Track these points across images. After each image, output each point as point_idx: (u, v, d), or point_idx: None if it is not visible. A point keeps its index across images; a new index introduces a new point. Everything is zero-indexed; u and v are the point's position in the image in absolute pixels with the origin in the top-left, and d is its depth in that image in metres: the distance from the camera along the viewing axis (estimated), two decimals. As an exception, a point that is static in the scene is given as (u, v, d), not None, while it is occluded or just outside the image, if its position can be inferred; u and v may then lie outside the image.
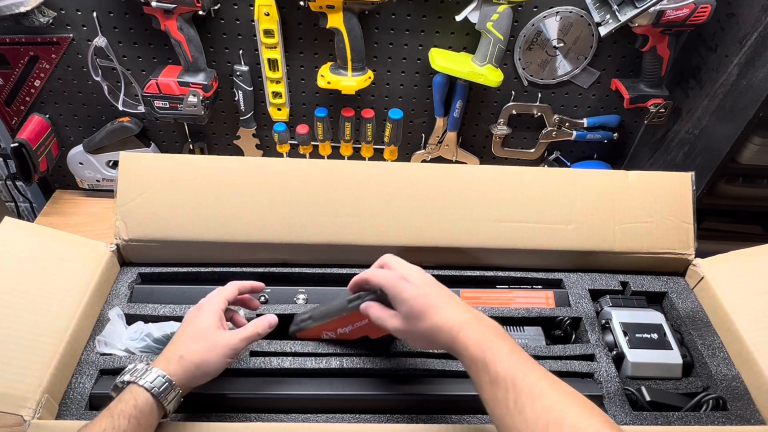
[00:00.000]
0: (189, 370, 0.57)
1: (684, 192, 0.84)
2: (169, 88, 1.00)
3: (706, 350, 0.75)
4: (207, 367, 0.58)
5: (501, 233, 0.82)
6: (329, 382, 0.66)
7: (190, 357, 0.57)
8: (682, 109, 1.07)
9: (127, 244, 0.79)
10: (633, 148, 1.21)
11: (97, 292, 0.74)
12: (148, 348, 0.70)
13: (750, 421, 0.67)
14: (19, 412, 0.59)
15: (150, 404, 0.53)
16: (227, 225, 0.79)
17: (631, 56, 1.06)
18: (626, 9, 0.93)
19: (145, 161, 0.82)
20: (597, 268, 0.84)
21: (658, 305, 0.83)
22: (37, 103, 1.09)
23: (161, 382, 0.54)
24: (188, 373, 0.57)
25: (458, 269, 0.83)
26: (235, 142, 1.18)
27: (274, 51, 1.02)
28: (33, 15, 0.94)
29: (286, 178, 0.81)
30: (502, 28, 0.96)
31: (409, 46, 1.04)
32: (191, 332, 0.60)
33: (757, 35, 0.88)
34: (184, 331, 0.61)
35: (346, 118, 1.11)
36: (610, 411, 0.67)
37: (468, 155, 1.20)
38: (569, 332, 0.78)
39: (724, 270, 0.80)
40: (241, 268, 0.81)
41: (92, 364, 0.68)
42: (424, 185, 0.82)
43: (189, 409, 0.61)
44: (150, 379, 0.54)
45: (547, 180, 0.84)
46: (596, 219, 0.83)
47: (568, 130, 1.15)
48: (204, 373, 0.58)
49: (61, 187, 1.24)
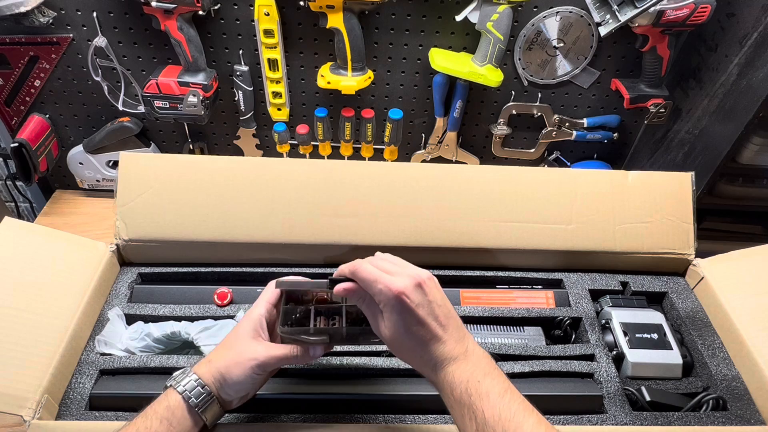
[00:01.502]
0: (216, 378, 0.54)
1: (684, 192, 0.84)
2: (169, 88, 1.00)
3: (706, 350, 0.75)
4: (231, 377, 0.54)
5: (501, 233, 0.82)
6: (329, 382, 0.66)
7: (216, 363, 0.55)
8: (682, 109, 1.07)
9: (127, 244, 0.79)
10: (633, 148, 1.21)
11: (97, 292, 0.74)
12: (148, 348, 0.70)
13: (750, 421, 0.67)
14: (19, 413, 0.59)
15: (181, 406, 0.52)
16: (227, 225, 0.79)
17: (631, 56, 1.06)
18: (626, 9, 0.93)
19: (145, 161, 0.82)
20: (597, 268, 0.84)
21: (658, 305, 0.83)
22: (37, 103, 1.09)
23: (193, 385, 0.53)
24: (215, 380, 0.54)
25: (458, 269, 0.83)
26: (235, 142, 1.18)
27: (274, 51, 1.02)
28: (33, 15, 0.94)
29: (286, 178, 0.81)
30: (502, 28, 0.96)
31: (409, 46, 1.04)
32: (227, 338, 0.58)
33: (757, 35, 0.88)
34: (227, 334, 0.59)
35: (346, 118, 1.11)
36: (610, 411, 0.67)
37: (468, 155, 1.20)
38: (569, 332, 0.78)
39: (724, 270, 0.81)
40: (241, 268, 0.81)
41: (92, 364, 0.68)
42: (424, 185, 0.82)
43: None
44: (184, 382, 0.53)
45: (547, 180, 0.84)
46: (596, 219, 0.83)
47: (568, 130, 1.15)
48: (231, 384, 0.54)
49: (61, 187, 1.24)
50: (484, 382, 0.47)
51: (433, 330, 0.50)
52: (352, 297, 0.55)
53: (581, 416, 0.66)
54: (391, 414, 0.65)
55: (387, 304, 0.50)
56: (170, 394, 0.53)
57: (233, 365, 0.55)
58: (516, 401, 0.46)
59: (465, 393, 0.47)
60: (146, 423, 0.51)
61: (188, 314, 0.74)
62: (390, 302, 0.50)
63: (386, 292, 0.50)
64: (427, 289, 0.51)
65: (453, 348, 0.50)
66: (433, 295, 0.51)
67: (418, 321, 0.50)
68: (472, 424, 0.46)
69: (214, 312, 0.75)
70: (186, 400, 0.52)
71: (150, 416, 0.51)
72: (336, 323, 0.59)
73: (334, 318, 0.60)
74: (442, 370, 0.50)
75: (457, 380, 0.48)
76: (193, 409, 0.53)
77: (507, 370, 0.69)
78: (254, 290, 0.78)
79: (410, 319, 0.50)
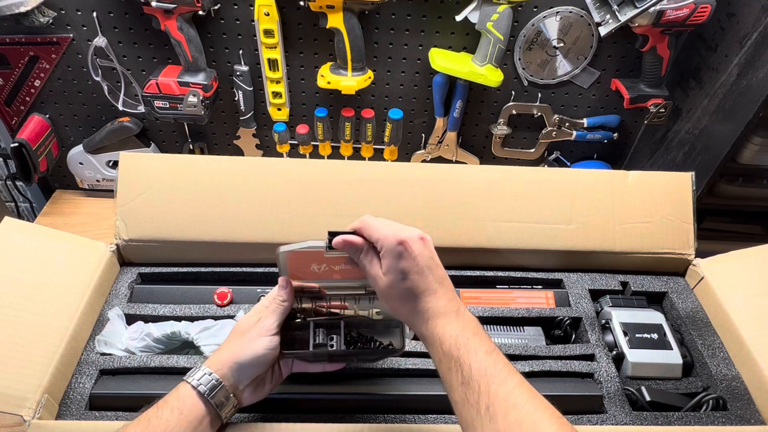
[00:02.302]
0: (225, 364, 0.55)
1: (684, 192, 0.84)
2: (169, 88, 1.00)
3: (706, 350, 0.75)
4: (245, 356, 0.56)
5: (501, 233, 0.82)
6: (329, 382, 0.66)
7: (226, 351, 0.57)
8: (682, 109, 1.07)
9: (127, 244, 0.79)
10: (633, 148, 1.21)
11: (97, 292, 0.74)
12: (148, 348, 0.70)
13: (750, 421, 0.67)
14: (19, 412, 0.59)
15: (191, 395, 0.53)
16: (227, 225, 0.79)
17: (631, 56, 1.06)
18: (626, 9, 0.93)
19: (145, 161, 0.82)
20: (597, 268, 0.84)
21: (658, 305, 0.83)
22: (37, 103, 1.09)
23: (201, 374, 0.55)
24: (226, 367, 0.55)
25: (458, 269, 0.83)
26: (235, 142, 1.18)
27: (274, 51, 1.02)
28: (33, 15, 0.94)
29: (286, 178, 0.81)
30: (502, 28, 0.96)
31: (409, 46, 1.04)
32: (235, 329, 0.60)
33: (757, 35, 0.88)
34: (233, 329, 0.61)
35: (346, 118, 1.11)
36: (610, 411, 0.67)
37: (468, 155, 1.20)
38: (569, 332, 0.78)
39: (724, 270, 0.81)
40: (241, 268, 0.81)
41: (92, 364, 0.68)
42: (424, 185, 0.82)
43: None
44: (197, 376, 0.55)
45: (547, 180, 0.84)
46: (596, 219, 0.83)
47: (568, 130, 1.15)
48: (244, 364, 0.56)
49: (61, 187, 1.24)
50: (473, 340, 0.49)
51: (430, 282, 0.52)
52: (350, 248, 0.56)
53: (581, 416, 0.66)
54: (391, 414, 0.65)
55: (389, 250, 0.52)
56: (181, 386, 0.55)
57: (246, 345, 0.56)
58: (501, 361, 0.48)
59: (454, 347, 0.49)
60: (157, 413, 0.52)
61: (188, 314, 0.74)
62: (393, 247, 0.52)
63: (391, 237, 0.52)
64: (428, 244, 0.54)
65: (446, 304, 0.52)
66: (432, 252, 0.54)
67: (418, 269, 0.52)
68: (458, 376, 0.48)
69: (214, 312, 0.75)
70: (195, 387, 0.54)
71: (161, 406, 0.53)
72: (334, 342, 0.61)
73: (332, 336, 0.62)
74: (433, 323, 0.51)
75: (447, 334, 0.50)
76: (203, 395, 0.53)
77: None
78: (254, 290, 0.78)
79: (411, 265, 0.52)
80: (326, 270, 0.61)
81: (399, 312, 0.55)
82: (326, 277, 0.62)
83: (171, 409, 0.52)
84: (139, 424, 0.51)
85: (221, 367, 0.55)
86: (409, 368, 0.68)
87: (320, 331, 0.61)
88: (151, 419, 0.51)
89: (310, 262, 0.61)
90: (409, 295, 0.52)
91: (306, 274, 0.62)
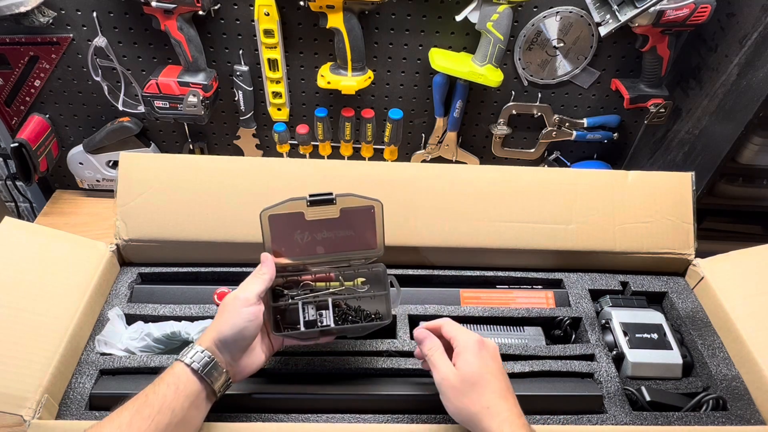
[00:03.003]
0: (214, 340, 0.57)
1: (684, 192, 0.84)
2: (169, 88, 1.00)
3: (706, 350, 0.75)
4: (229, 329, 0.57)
5: (501, 233, 0.82)
6: (329, 382, 0.66)
7: (213, 329, 0.58)
8: (682, 109, 1.07)
9: (127, 244, 0.79)
10: (633, 148, 1.21)
11: (97, 292, 0.74)
12: (148, 348, 0.70)
13: (750, 421, 0.67)
14: (19, 412, 0.59)
15: (185, 371, 0.56)
16: (227, 225, 0.79)
17: (631, 56, 1.06)
18: (626, 9, 0.93)
19: (145, 161, 0.82)
20: (597, 268, 0.84)
21: (658, 305, 0.83)
22: (37, 103, 1.09)
23: (194, 352, 0.57)
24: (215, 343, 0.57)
25: (458, 269, 0.83)
26: (235, 142, 1.18)
27: (274, 51, 1.02)
28: (33, 15, 0.94)
29: (286, 178, 0.81)
30: (502, 28, 0.96)
31: (409, 46, 1.04)
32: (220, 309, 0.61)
33: (757, 35, 0.88)
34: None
35: (346, 118, 1.11)
36: (610, 411, 0.67)
37: (468, 155, 1.20)
38: (569, 332, 0.78)
39: (724, 270, 0.81)
40: (241, 268, 0.81)
41: (92, 364, 0.68)
42: (424, 185, 0.82)
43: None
44: (190, 354, 0.57)
45: (547, 180, 0.84)
46: (596, 219, 0.83)
47: (568, 130, 1.15)
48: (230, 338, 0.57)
49: (61, 187, 1.24)
50: None
51: (505, 384, 0.57)
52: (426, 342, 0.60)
53: (581, 416, 0.66)
54: (391, 414, 0.65)
55: (467, 347, 0.58)
56: (176, 365, 0.57)
57: (227, 318, 0.58)
58: None
59: None
60: (154, 389, 0.54)
61: (188, 314, 0.74)
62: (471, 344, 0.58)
63: (468, 336, 0.59)
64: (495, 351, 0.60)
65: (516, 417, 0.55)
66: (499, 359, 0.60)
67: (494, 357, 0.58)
68: None
69: (214, 312, 0.75)
70: (189, 365, 0.56)
71: (157, 383, 0.55)
72: (324, 318, 0.64)
73: (321, 312, 0.64)
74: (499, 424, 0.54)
75: None
76: (197, 372, 0.56)
77: (507, 370, 0.69)
78: (254, 290, 0.78)
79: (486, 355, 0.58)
80: (309, 240, 0.64)
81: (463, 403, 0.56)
82: (310, 252, 0.65)
83: (167, 385, 0.54)
84: (137, 399, 0.53)
85: (210, 344, 0.58)
86: (409, 368, 0.68)
87: (309, 308, 0.64)
88: (149, 395, 0.53)
89: (293, 229, 0.63)
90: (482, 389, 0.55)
91: (290, 248, 0.64)
